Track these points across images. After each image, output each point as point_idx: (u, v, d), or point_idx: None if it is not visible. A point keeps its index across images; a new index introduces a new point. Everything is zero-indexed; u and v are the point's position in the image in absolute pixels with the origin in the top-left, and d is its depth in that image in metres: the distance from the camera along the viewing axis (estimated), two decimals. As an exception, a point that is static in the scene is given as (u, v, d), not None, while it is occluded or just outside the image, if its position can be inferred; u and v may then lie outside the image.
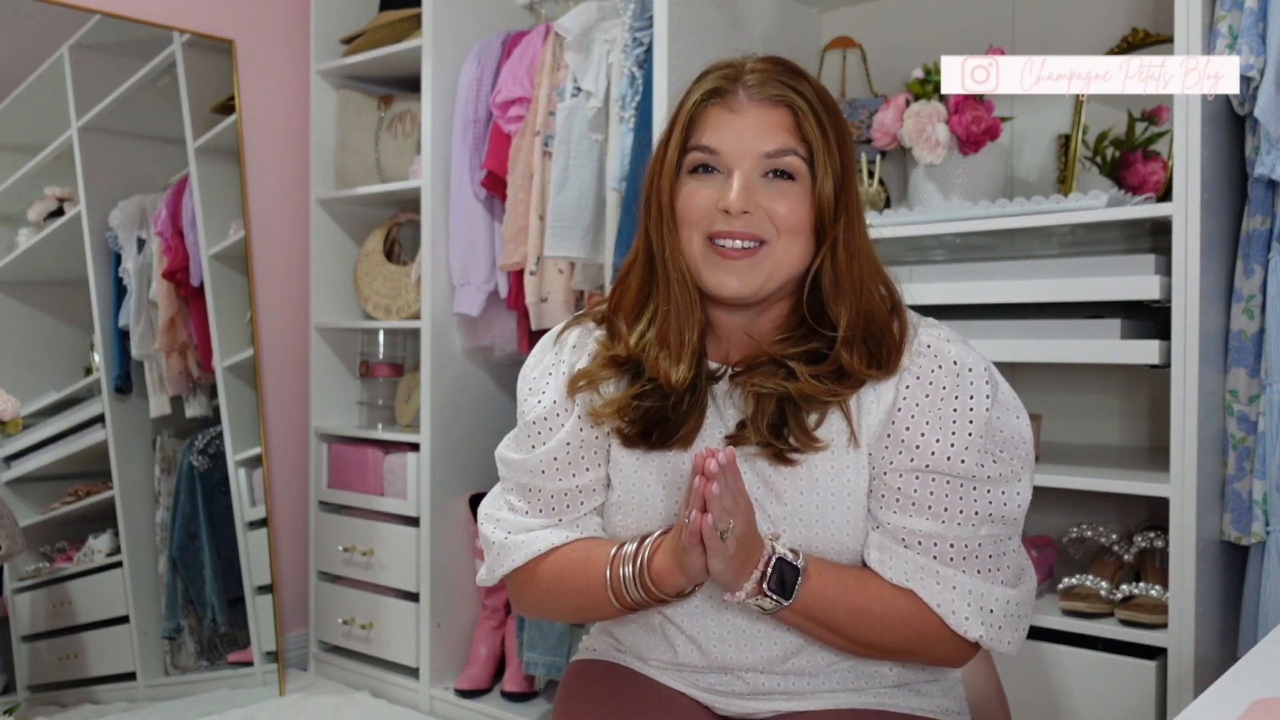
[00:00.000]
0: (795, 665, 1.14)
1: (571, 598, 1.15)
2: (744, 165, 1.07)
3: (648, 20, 2.22)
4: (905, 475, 1.08)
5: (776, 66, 1.11)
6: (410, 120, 2.75)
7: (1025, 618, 1.11)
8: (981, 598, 1.07)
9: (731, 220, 1.07)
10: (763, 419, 1.08)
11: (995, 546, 1.09)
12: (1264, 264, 1.68)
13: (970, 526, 1.07)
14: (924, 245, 2.05)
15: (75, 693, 2.49)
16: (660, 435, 1.12)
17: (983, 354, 1.11)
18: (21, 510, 2.43)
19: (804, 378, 1.07)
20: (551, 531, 1.17)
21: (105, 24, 2.54)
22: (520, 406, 1.21)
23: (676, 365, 1.10)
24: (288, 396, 2.92)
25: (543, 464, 1.16)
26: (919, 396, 1.08)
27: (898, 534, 1.08)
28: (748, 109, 1.09)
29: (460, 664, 2.62)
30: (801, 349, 1.09)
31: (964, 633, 1.07)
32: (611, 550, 1.12)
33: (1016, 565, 1.11)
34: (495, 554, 1.19)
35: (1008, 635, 1.09)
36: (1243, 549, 1.73)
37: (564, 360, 1.19)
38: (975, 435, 1.06)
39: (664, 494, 1.13)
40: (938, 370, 1.08)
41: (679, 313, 1.10)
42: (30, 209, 2.51)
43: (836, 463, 1.09)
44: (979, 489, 1.07)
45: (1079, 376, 2.13)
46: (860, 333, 1.08)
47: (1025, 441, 1.11)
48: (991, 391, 1.08)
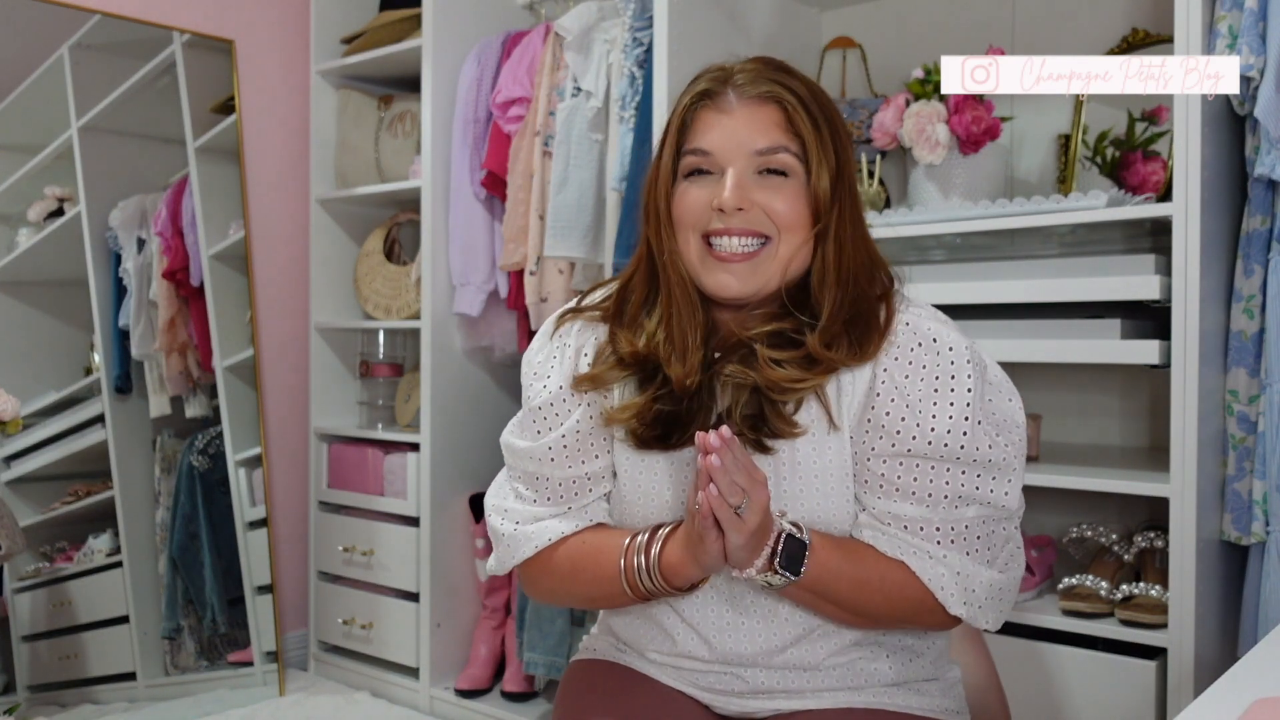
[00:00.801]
0: (793, 657, 1.14)
1: (586, 587, 1.16)
2: (737, 163, 1.08)
3: (648, 20, 2.22)
4: (889, 461, 1.08)
5: (766, 65, 1.11)
6: (410, 120, 2.75)
7: (1007, 600, 1.13)
8: (966, 578, 1.08)
9: (727, 218, 1.07)
10: (738, 409, 1.09)
11: (984, 528, 1.09)
12: (1264, 264, 1.68)
13: (955, 509, 1.08)
14: (924, 245, 2.05)
15: (75, 693, 2.49)
16: (680, 437, 1.12)
17: (970, 336, 1.11)
18: (21, 510, 2.43)
19: (765, 363, 1.07)
20: (560, 520, 1.17)
21: (105, 24, 2.54)
22: (525, 392, 1.21)
23: (683, 366, 1.10)
24: (288, 396, 2.92)
25: (551, 451, 1.16)
26: (898, 378, 1.08)
27: (884, 519, 1.09)
28: (738, 108, 1.09)
29: (460, 664, 2.62)
30: (766, 329, 1.09)
31: (946, 607, 1.09)
32: (625, 541, 1.12)
33: (1008, 551, 1.12)
34: (505, 545, 1.19)
35: (988, 614, 1.10)
36: (1243, 549, 1.73)
37: (569, 345, 1.19)
38: (958, 415, 1.06)
39: (670, 485, 1.14)
40: (916, 349, 1.08)
41: (681, 316, 1.11)
42: (30, 209, 2.51)
43: (818, 445, 1.09)
44: (968, 470, 1.07)
45: (1079, 376, 2.13)
46: (843, 324, 1.08)
47: (1019, 426, 1.11)
48: (976, 371, 1.08)
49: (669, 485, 1.14)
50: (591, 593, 1.16)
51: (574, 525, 1.17)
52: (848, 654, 1.15)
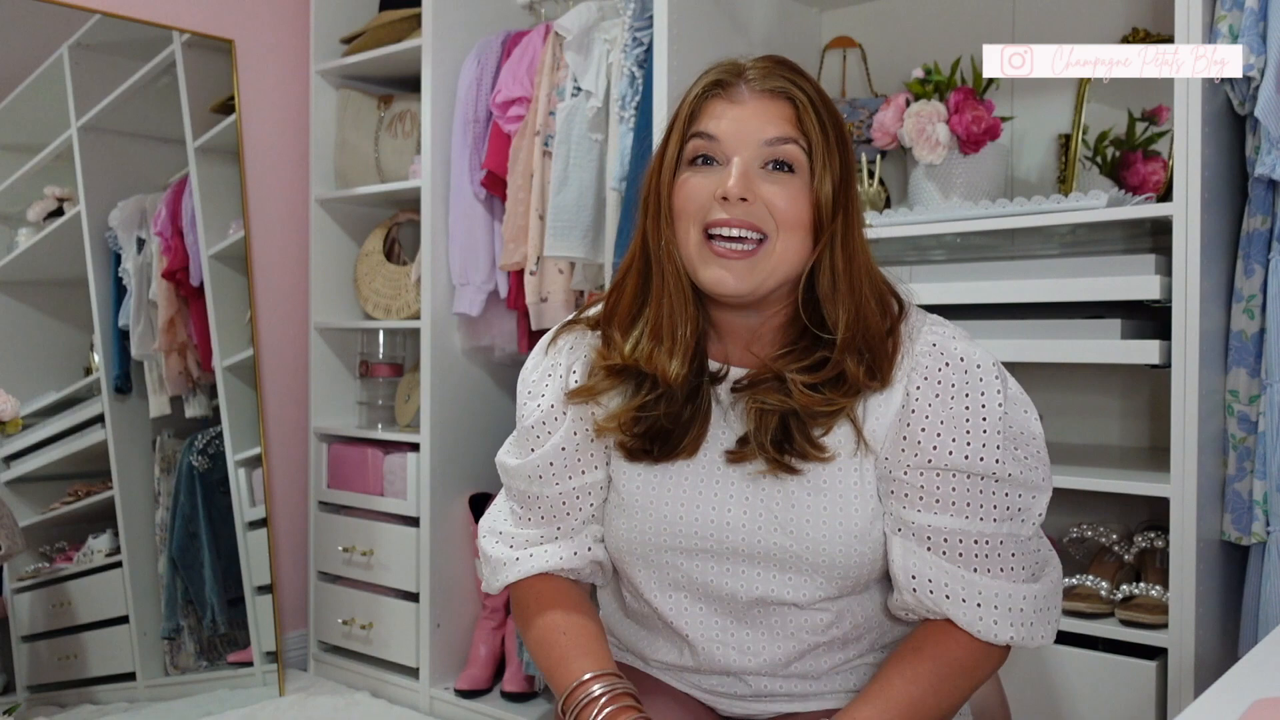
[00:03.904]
0: (798, 669, 1.14)
1: (541, 663, 1.15)
2: (744, 152, 1.06)
3: (648, 20, 2.21)
4: (925, 474, 1.06)
5: (779, 64, 1.10)
6: (410, 120, 2.75)
7: (1055, 609, 1.11)
8: (1009, 598, 1.06)
9: (730, 208, 1.04)
10: (765, 435, 1.07)
11: (1018, 546, 1.08)
12: (1264, 264, 1.68)
13: (992, 523, 1.06)
14: (924, 245, 2.05)
15: (75, 693, 2.49)
16: (663, 448, 1.11)
17: (989, 351, 1.11)
18: (21, 510, 2.43)
19: (799, 389, 1.06)
20: (547, 549, 1.17)
21: (105, 24, 2.54)
22: (520, 411, 1.20)
23: (671, 360, 1.08)
24: (287, 396, 2.92)
25: (539, 468, 1.16)
26: (929, 397, 1.07)
27: (921, 533, 1.07)
28: (749, 100, 1.08)
29: (460, 664, 2.62)
30: (805, 362, 1.08)
31: (994, 638, 1.06)
32: (579, 675, 1.08)
33: (1039, 560, 1.11)
34: (491, 569, 1.20)
35: (1040, 630, 1.08)
36: (1243, 549, 1.73)
37: (560, 363, 1.18)
38: (990, 432, 1.05)
39: (668, 500, 1.12)
40: (945, 369, 1.07)
41: (674, 309, 1.09)
42: (30, 209, 2.51)
43: (844, 466, 1.08)
44: (999, 486, 1.06)
45: (1079, 376, 2.13)
46: (859, 339, 1.07)
47: (1037, 438, 1.10)
48: (1002, 388, 1.07)
49: (667, 501, 1.12)
50: (544, 669, 1.15)
51: (559, 559, 1.16)
52: (852, 662, 1.15)
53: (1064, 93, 2.11)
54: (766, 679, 1.14)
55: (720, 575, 1.11)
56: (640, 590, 1.15)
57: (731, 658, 1.14)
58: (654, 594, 1.14)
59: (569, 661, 1.11)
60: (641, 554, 1.14)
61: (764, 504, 1.09)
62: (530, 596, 1.18)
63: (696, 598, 1.13)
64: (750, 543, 1.09)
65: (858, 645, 1.14)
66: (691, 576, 1.12)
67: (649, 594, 1.15)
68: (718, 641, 1.14)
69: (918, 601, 1.07)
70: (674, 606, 1.14)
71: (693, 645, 1.15)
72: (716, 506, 1.10)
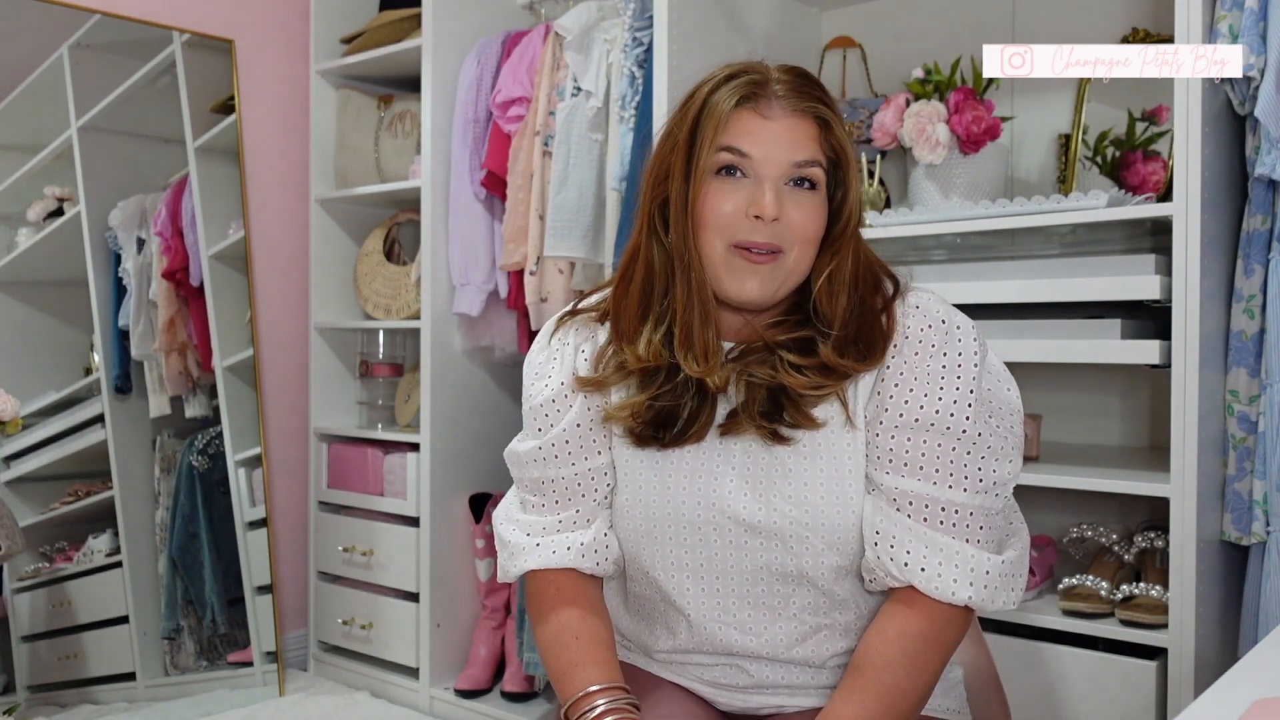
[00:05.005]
0: (800, 654, 1.14)
1: (549, 662, 1.16)
2: (772, 173, 1.08)
3: (648, 20, 2.21)
4: (897, 434, 1.09)
5: (803, 79, 1.12)
6: (410, 120, 2.75)
7: (1020, 576, 1.12)
8: (971, 560, 1.07)
9: (762, 227, 1.07)
10: (755, 406, 1.10)
11: (987, 520, 1.10)
12: (1264, 264, 1.68)
13: (962, 493, 1.08)
14: (924, 245, 2.05)
15: (75, 693, 2.49)
16: (670, 435, 1.12)
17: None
18: (21, 510, 2.43)
19: (786, 370, 1.08)
20: (566, 536, 1.18)
21: (105, 24, 2.54)
22: (526, 393, 1.22)
23: (714, 373, 1.10)
24: (287, 396, 2.92)
25: (555, 447, 1.17)
26: (908, 355, 1.09)
27: (890, 495, 1.09)
28: (780, 117, 1.09)
29: (460, 664, 2.62)
30: (793, 336, 1.10)
31: (952, 597, 1.07)
32: (585, 686, 1.10)
33: (1009, 532, 1.13)
34: (509, 553, 1.21)
35: (1001, 596, 1.10)
36: (1243, 549, 1.73)
37: (568, 344, 1.20)
38: (963, 390, 1.08)
39: (669, 477, 1.14)
40: (926, 329, 1.10)
41: (699, 318, 1.10)
42: (30, 209, 2.51)
43: (836, 439, 1.10)
44: (967, 447, 1.08)
45: (1079, 376, 2.13)
46: (853, 333, 1.10)
47: (1015, 412, 1.12)
48: (980, 350, 1.10)
49: (670, 486, 1.14)
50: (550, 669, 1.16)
51: (582, 541, 1.17)
52: (853, 650, 1.15)
53: (1064, 93, 2.11)
54: (768, 666, 1.15)
55: (723, 548, 1.13)
56: (645, 570, 1.17)
57: (733, 638, 1.15)
58: (658, 573, 1.16)
59: (577, 669, 1.12)
60: (646, 531, 1.16)
61: (762, 472, 1.11)
62: (549, 588, 1.19)
63: (699, 575, 1.15)
64: (750, 511, 1.11)
65: (860, 634, 1.14)
66: (695, 552, 1.14)
67: (654, 572, 1.16)
68: (720, 621, 1.15)
69: (879, 562, 1.09)
70: (677, 585, 1.15)
71: (694, 625, 1.16)
72: (717, 477, 1.12)
